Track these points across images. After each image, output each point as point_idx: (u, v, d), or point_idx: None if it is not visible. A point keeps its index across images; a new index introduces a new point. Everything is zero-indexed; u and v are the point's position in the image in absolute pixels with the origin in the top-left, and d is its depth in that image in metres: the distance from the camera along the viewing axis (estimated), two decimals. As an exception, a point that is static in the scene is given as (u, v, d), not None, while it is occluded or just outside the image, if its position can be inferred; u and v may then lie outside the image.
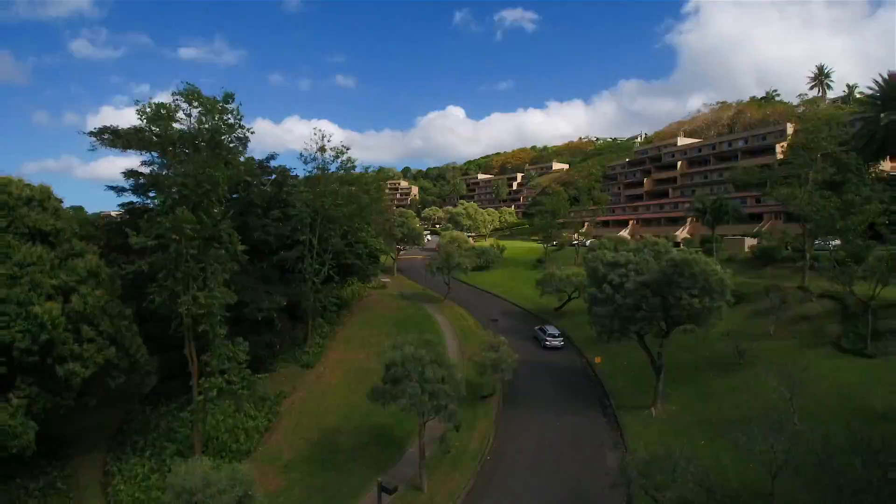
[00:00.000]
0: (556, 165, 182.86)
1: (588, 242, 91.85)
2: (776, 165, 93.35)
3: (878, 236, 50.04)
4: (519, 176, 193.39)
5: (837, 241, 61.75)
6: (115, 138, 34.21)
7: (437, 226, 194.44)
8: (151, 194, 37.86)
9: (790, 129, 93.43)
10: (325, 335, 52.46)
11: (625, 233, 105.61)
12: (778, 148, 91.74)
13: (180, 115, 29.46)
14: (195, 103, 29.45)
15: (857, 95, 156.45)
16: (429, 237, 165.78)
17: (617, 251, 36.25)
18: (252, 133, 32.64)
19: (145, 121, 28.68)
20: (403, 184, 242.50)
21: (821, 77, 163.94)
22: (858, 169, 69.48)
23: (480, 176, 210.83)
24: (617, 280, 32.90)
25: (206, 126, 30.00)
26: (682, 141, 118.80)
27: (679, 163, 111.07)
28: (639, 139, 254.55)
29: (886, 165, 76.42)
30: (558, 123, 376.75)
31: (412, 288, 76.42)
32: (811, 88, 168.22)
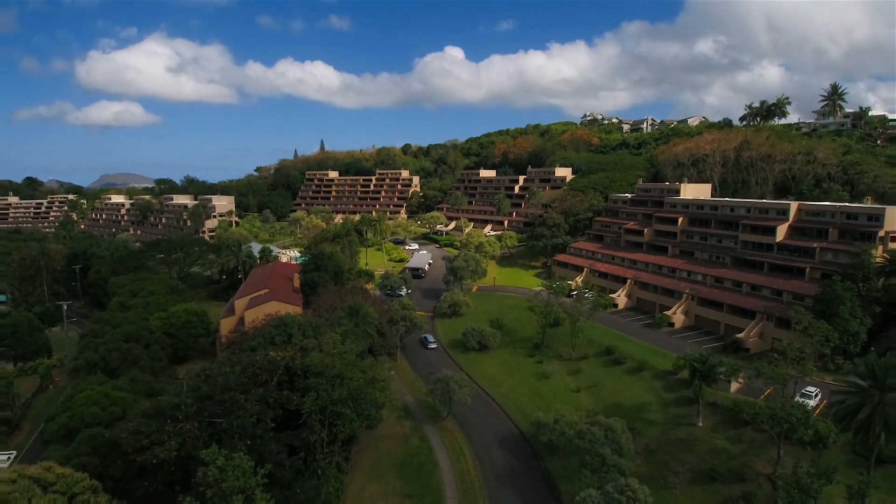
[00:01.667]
0: (559, 171, 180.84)
1: (588, 294, 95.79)
2: (775, 248, 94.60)
3: None
4: (521, 179, 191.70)
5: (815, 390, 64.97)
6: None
7: (439, 227, 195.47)
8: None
9: (793, 209, 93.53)
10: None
11: (622, 294, 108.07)
12: (779, 230, 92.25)
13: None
14: None
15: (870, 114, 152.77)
16: (416, 249, 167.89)
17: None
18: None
19: None
20: (404, 174, 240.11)
21: (834, 96, 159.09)
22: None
23: (482, 174, 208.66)
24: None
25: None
26: (685, 191, 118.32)
27: (680, 218, 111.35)
28: (645, 125, 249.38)
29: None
30: (560, 66, 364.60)
31: (414, 390, 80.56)
32: (824, 106, 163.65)
